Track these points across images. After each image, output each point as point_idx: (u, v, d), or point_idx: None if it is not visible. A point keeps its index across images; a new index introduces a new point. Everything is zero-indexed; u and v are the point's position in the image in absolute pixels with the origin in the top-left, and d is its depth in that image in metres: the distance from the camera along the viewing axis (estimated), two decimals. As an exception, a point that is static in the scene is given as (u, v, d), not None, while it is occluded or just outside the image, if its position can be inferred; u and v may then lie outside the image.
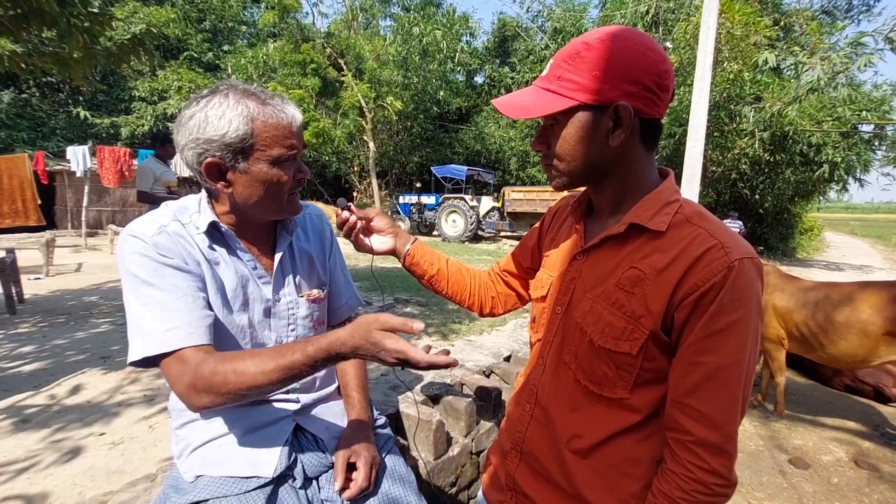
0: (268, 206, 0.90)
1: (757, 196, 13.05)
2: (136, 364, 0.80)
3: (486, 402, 1.79)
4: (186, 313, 0.80)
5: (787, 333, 2.92)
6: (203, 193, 0.94)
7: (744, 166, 11.67)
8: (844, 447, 2.76)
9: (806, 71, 9.36)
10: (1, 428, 2.52)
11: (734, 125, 10.95)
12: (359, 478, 0.91)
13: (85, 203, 10.74)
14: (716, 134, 11.05)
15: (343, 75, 14.58)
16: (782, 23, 11.56)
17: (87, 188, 10.64)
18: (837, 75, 9.45)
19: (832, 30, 11.86)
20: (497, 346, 2.81)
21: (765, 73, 10.43)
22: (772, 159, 11.49)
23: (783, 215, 15.12)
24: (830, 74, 9.22)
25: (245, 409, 0.96)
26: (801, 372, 3.89)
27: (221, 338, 0.90)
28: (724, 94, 10.44)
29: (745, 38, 9.71)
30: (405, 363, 0.70)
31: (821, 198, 16.24)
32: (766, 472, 2.47)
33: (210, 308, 0.86)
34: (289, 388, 1.00)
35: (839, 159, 10.66)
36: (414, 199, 16.14)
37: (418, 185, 17.16)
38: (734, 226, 12.06)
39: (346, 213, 0.96)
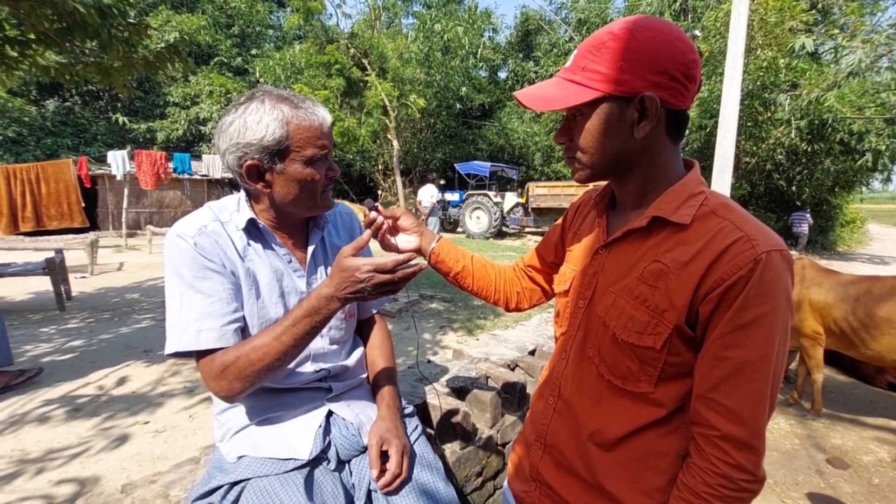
0: (303, 203, 0.96)
1: (794, 188, 12.51)
2: (170, 356, 0.89)
3: (511, 395, 1.81)
4: (219, 318, 0.88)
5: (826, 329, 2.81)
6: (242, 193, 1.00)
7: (779, 157, 11.20)
8: (887, 447, 2.65)
9: (846, 55, 8.90)
10: (55, 416, 2.71)
11: (769, 114, 10.52)
12: (392, 466, 0.95)
13: (125, 205, 11.28)
14: (749, 124, 10.64)
15: (367, 75, 14.74)
16: (820, 5, 11.00)
17: (126, 191, 11.16)
18: (880, 58, 8.95)
19: (874, 10, 11.21)
20: (522, 340, 2.82)
21: (801, 58, 9.96)
22: (809, 149, 10.99)
23: (822, 207, 14.44)
24: (873, 58, 8.74)
25: (281, 396, 1.01)
26: (842, 370, 3.73)
27: (258, 330, 0.95)
28: (758, 83, 10.02)
29: (779, 24, 9.31)
30: (381, 277, 0.82)
31: (864, 188, 15.45)
32: (801, 472, 2.40)
33: (241, 308, 0.93)
34: (321, 376, 1.05)
35: (883, 147, 10.07)
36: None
37: (442, 182, 17.17)
38: (804, 218, 11.94)
39: (373, 214, 1.00)
